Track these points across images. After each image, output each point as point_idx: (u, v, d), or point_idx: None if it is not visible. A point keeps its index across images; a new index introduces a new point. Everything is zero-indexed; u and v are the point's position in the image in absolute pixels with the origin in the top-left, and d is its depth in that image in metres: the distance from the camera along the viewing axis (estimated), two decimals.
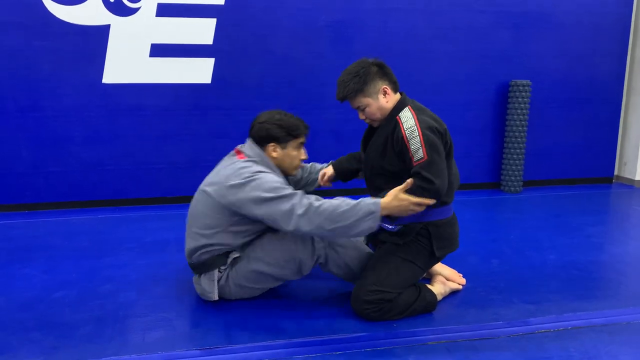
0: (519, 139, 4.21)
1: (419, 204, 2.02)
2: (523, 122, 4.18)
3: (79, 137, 3.69)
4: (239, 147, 2.32)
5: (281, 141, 2.26)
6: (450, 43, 4.10)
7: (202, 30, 3.72)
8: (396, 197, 2.01)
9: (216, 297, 2.24)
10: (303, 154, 2.35)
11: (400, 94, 2.33)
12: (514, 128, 4.20)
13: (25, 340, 2.01)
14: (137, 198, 3.86)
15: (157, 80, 3.73)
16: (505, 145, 4.30)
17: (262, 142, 2.26)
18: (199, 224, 2.20)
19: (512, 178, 4.28)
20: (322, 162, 3.35)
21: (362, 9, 3.91)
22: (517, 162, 4.25)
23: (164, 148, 3.84)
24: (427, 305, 2.24)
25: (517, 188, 4.31)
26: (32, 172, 3.67)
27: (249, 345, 1.99)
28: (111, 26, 3.59)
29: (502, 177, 4.36)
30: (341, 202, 2.03)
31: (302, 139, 2.32)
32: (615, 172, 4.70)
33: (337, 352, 1.96)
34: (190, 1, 3.65)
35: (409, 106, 2.23)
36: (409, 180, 2.03)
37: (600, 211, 3.90)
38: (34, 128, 3.61)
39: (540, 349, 1.96)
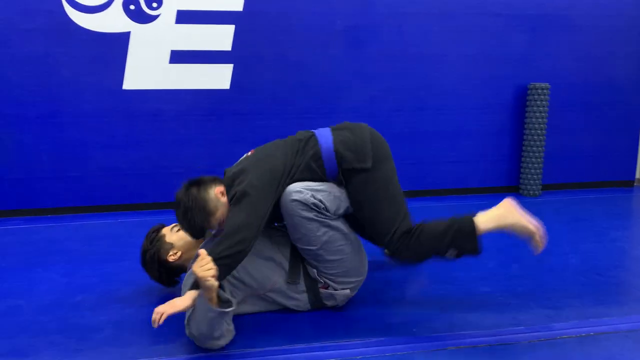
0: (538, 142, 4.17)
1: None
2: (542, 125, 4.14)
3: (98, 143, 3.74)
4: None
5: None
6: (467, 46, 4.08)
7: (221, 37, 3.75)
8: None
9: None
10: None
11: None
12: (533, 131, 4.16)
13: (47, 343, 2.04)
14: (155, 202, 3.89)
15: (176, 86, 3.77)
16: (523, 148, 4.26)
17: None
18: None
19: (531, 181, 4.24)
20: None
21: (377, 13, 3.91)
22: (535, 165, 4.20)
23: (182, 153, 3.87)
24: (464, 229, 2.14)
25: (536, 192, 4.26)
26: (52, 177, 3.72)
27: (267, 349, 1.99)
28: (131, 33, 3.64)
29: (521, 181, 4.32)
30: None
31: None
32: (637, 176, 4.63)
33: (357, 357, 1.96)
34: (209, 8, 3.69)
35: None
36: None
37: (622, 215, 3.84)
38: (54, 133, 3.67)
39: (562, 355, 1.94)
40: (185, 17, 3.69)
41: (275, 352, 1.98)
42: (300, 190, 2.09)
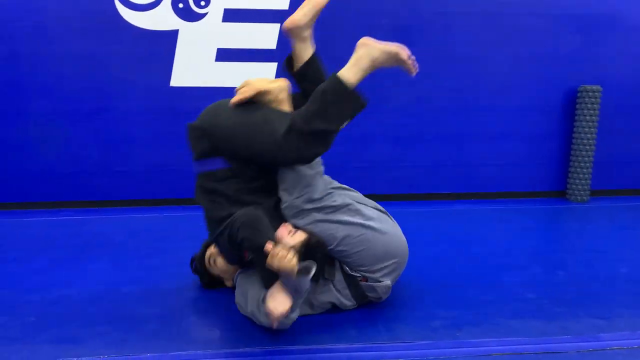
0: (587, 146, 4.04)
1: None
2: (592, 129, 4.01)
3: (145, 138, 3.82)
4: None
5: None
6: (515, 47, 3.99)
7: (266, 35, 3.78)
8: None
9: None
10: None
11: None
12: (582, 135, 4.03)
13: (94, 333, 2.10)
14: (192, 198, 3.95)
15: (221, 84, 3.82)
16: (572, 152, 4.14)
17: None
18: None
19: (579, 187, 4.11)
20: (380, 169, 3.38)
21: (424, 12, 3.86)
22: (584, 170, 4.08)
23: None
24: (335, 90, 2.12)
25: (584, 197, 4.13)
26: (101, 171, 3.83)
27: (310, 347, 2.00)
28: (179, 31, 3.71)
29: (568, 186, 4.19)
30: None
31: None
32: None
33: (399, 359, 1.94)
34: (255, 6, 3.72)
35: None
36: None
37: None
38: (103, 129, 3.77)
39: None
40: (232, 15, 3.73)
41: (317, 350, 1.98)
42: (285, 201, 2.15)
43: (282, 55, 3.83)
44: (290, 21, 2.29)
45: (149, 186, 3.88)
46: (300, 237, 2.05)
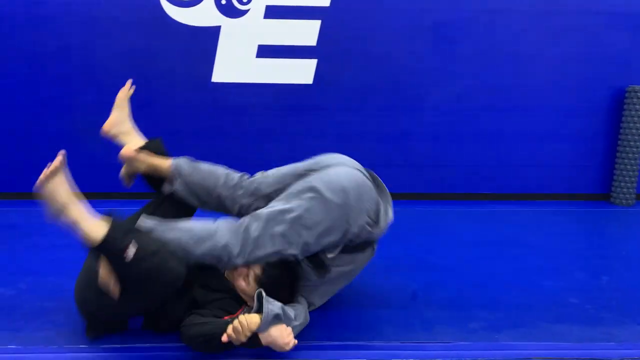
0: (634, 148, 3.91)
1: None
2: None
3: (187, 132, 3.89)
4: None
5: None
6: (561, 45, 3.89)
7: (307, 32, 3.80)
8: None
9: None
10: None
11: None
12: (629, 136, 3.91)
13: None
14: None
15: (261, 80, 3.85)
16: (618, 154, 4.01)
17: None
18: None
19: (625, 190, 3.99)
20: (417, 168, 3.31)
21: (467, 9, 3.81)
22: (630, 173, 3.95)
23: (264, 146, 3.95)
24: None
25: (630, 201, 4.01)
26: None
27: (344, 343, 2.01)
28: (222, 27, 3.76)
29: (613, 189, 4.07)
30: None
31: None
32: None
33: (436, 359, 1.93)
34: (296, 3, 3.74)
35: None
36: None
37: None
38: (148, 122, 3.83)
39: None
40: (273, 12, 3.76)
41: (353, 347, 1.99)
42: None
43: (321, 52, 3.86)
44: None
45: None
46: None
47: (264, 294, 1.83)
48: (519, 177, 4.06)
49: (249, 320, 1.74)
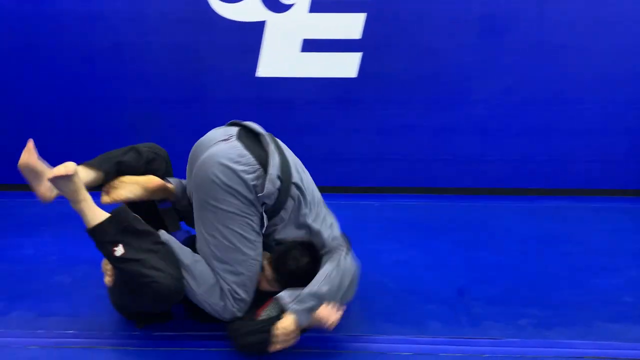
0: None
1: None
2: None
3: None
4: None
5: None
6: (617, 37, 3.74)
7: (352, 25, 3.77)
8: None
9: None
10: None
11: None
12: None
13: None
14: None
15: (305, 74, 3.85)
16: None
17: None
18: None
19: None
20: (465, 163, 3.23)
21: (515, 0, 3.71)
22: None
23: (307, 141, 3.94)
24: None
25: None
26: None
27: (392, 337, 2.01)
28: (267, 22, 3.78)
29: None
30: None
31: None
32: None
33: (484, 355, 1.91)
34: None
35: None
36: None
37: None
38: (194, 117, 3.92)
39: None
40: (318, 5, 3.75)
41: (399, 341, 1.99)
42: None
43: (367, 45, 3.83)
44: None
45: None
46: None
47: (283, 300, 1.85)
48: (569, 171, 3.94)
49: (286, 327, 1.79)
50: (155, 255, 1.87)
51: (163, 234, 1.98)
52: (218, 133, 2.13)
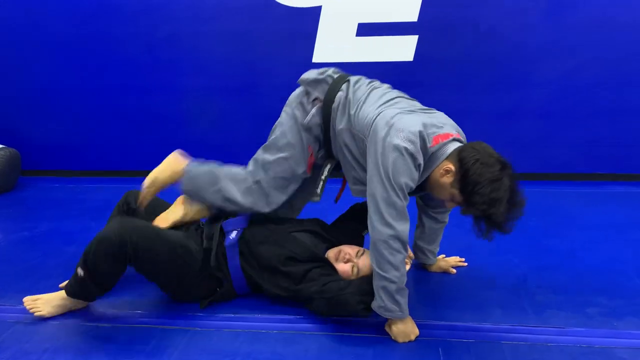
0: None
1: None
2: None
3: None
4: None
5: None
6: None
7: (408, 8, 3.71)
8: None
9: None
10: None
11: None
12: None
13: None
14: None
15: (361, 59, 3.83)
16: None
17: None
18: None
19: None
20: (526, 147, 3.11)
21: None
22: None
23: None
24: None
25: None
26: (250, 143, 4.05)
27: (455, 324, 1.98)
28: (322, 7, 3.77)
29: None
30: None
31: None
32: None
33: (549, 344, 1.86)
34: None
35: None
36: None
37: None
38: (253, 103, 3.98)
39: None
40: None
41: (461, 327, 1.96)
42: None
43: (423, 28, 3.75)
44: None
45: None
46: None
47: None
48: (638, 156, 3.75)
49: (405, 329, 1.91)
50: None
51: None
52: None
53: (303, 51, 3.85)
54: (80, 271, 1.97)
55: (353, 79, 2.24)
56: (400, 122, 1.87)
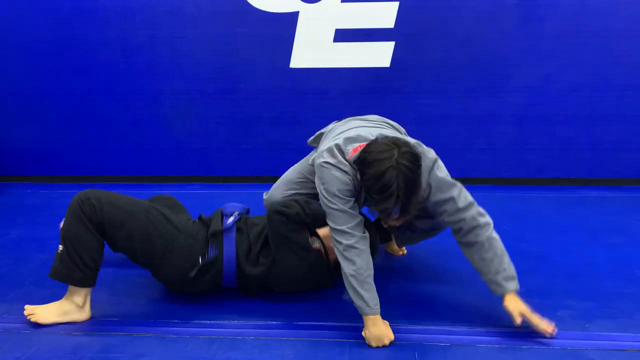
0: None
1: None
2: None
3: (268, 118, 3.97)
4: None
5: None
6: None
7: (384, 14, 3.74)
8: None
9: None
10: None
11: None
12: None
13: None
14: None
15: (339, 64, 3.85)
16: None
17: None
18: None
19: None
20: (504, 152, 3.20)
21: None
22: None
23: None
24: None
25: None
26: (227, 148, 4.05)
27: (429, 327, 2.00)
28: (300, 13, 3.78)
29: None
30: None
31: None
32: None
33: (523, 347, 1.88)
34: None
35: None
36: None
37: None
38: (230, 108, 3.97)
39: None
40: None
41: (435, 331, 1.98)
42: None
43: (400, 34, 3.79)
44: None
45: (270, 163, 4.04)
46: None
47: None
48: (613, 161, 3.83)
49: (378, 333, 1.94)
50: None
51: None
52: None
53: (281, 56, 3.86)
54: (60, 247, 1.99)
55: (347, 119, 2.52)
56: (323, 145, 2.14)
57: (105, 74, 3.94)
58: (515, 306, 1.94)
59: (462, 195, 2.01)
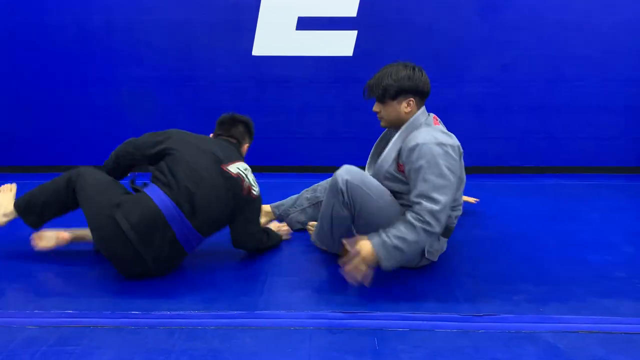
0: None
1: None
2: None
3: (229, 106, 3.91)
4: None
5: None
6: (614, 12, 3.72)
7: (347, 2, 3.74)
8: None
9: None
10: None
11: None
12: None
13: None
14: (277, 165, 4.04)
15: (301, 52, 3.84)
16: None
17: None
18: None
19: None
20: (462, 141, 3.20)
21: None
22: None
23: (305, 119, 3.96)
24: None
25: None
26: None
27: (391, 314, 2.02)
28: (262, 0, 3.74)
29: None
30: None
31: None
32: None
33: (480, 331, 1.92)
34: None
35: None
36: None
37: None
38: (191, 96, 3.91)
39: None
40: None
41: (396, 317, 2.00)
42: None
43: (362, 23, 3.80)
44: None
45: None
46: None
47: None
48: (568, 149, 3.95)
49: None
50: None
51: None
52: None
53: (243, 44, 3.82)
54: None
55: None
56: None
57: (61, 61, 3.83)
58: (362, 246, 2.05)
59: (437, 187, 2.07)
